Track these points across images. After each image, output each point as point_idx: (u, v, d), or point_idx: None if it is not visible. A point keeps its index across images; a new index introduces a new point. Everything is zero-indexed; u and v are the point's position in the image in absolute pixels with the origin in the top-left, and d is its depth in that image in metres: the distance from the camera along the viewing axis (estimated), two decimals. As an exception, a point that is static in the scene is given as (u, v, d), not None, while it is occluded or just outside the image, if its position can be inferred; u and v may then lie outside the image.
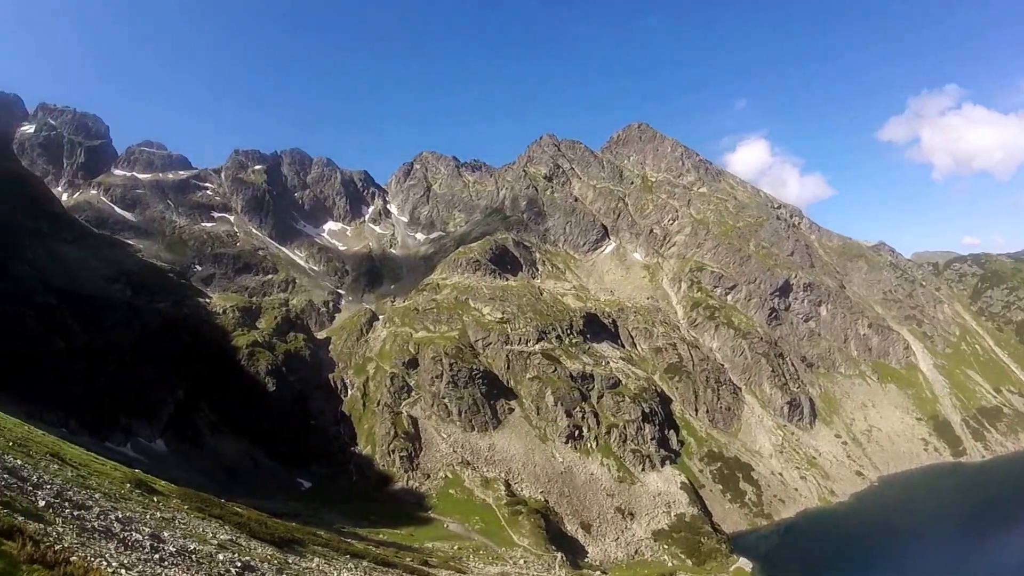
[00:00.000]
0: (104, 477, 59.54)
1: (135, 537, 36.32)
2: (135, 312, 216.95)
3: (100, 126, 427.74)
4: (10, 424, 69.53)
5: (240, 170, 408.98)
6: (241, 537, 55.48)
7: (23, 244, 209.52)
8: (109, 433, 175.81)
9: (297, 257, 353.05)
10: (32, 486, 38.70)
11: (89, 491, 47.16)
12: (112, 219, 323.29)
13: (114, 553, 31.05)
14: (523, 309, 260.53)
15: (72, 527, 32.72)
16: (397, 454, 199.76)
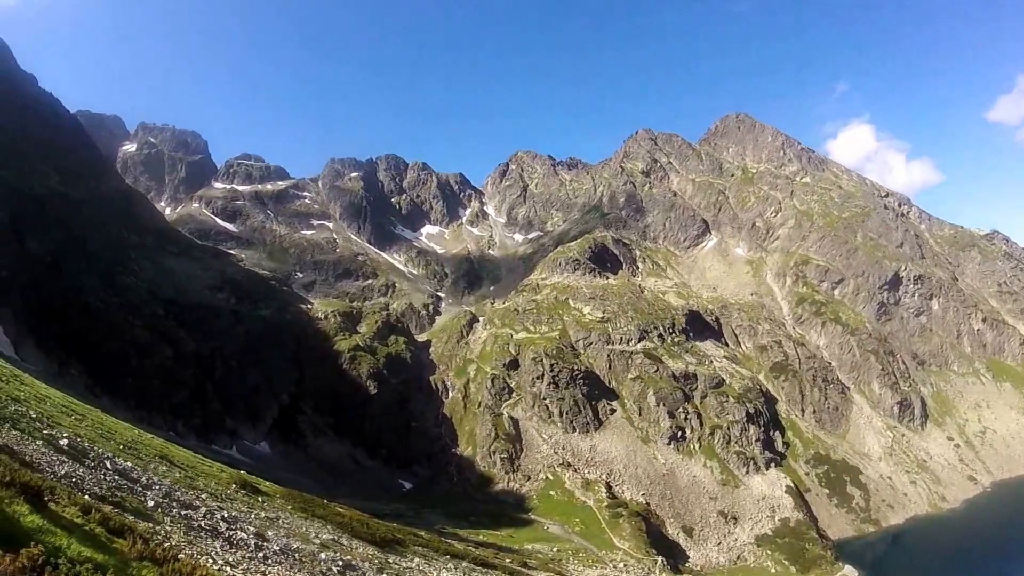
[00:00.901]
0: (210, 478, 60.87)
1: (240, 536, 37.38)
2: (239, 319, 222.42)
3: (199, 142, 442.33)
4: (121, 428, 71.40)
5: (337, 178, 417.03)
6: (343, 537, 56.26)
7: (130, 258, 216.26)
8: (215, 436, 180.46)
9: (396, 261, 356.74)
10: (142, 487, 39.84)
11: (196, 491, 48.44)
12: (214, 230, 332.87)
13: (219, 551, 32.04)
14: (624, 308, 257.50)
15: (179, 526, 33.67)
16: (498, 455, 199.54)
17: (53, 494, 23.77)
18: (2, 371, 66.30)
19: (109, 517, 24.94)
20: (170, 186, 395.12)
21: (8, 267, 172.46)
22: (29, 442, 36.15)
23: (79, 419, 59.71)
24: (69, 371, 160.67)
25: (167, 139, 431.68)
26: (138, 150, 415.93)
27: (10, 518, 18.22)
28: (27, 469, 25.75)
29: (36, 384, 74.15)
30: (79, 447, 42.48)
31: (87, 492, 29.96)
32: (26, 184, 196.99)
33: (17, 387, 59.54)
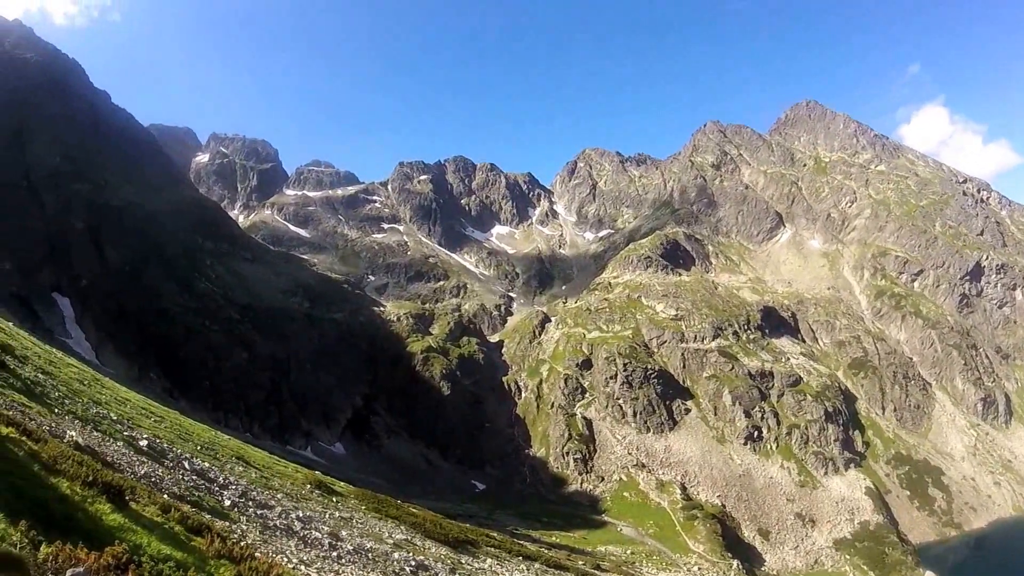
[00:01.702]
0: (286, 478, 61.74)
1: (314, 535, 37.89)
2: (313, 323, 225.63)
3: (269, 150, 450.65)
4: (198, 429, 72.66)
5: (406, 181, 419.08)
6: (416, 537, 56.56)
7: (206, 264, 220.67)
8: (291, 437, 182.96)
9: (467, 263, 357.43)
10: (219, 487, 40.59)
11: (271, 491, 49.29)
12: (287, 236, 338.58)
13: (294, 550, 32.58)
14: (698, 305, 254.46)
15: (255, 525, 34.37)
16: (571, 456, 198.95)
17: (134, 493, 24.23)
18: (84, 375, 67.77)
19: (188, 516, 25.46)
20: (242, 194, 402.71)
21: (88, 276, 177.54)
22: (110, 443, 36.88)
23: (158, 421, 60.82)
24: (148, 375, 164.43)
25: (238, 149, 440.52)
26: (210, 160, 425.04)
27: (93, 516, 18.68)
28: (109, 469, 26.23)
29: (116, 387, 75.69)
30: (158, 448, 43.28)
31: (166, 491, 30.50)
32: (104, 196, 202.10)
33: (98, 390, 60.80)
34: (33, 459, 20.76)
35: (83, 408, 44.89)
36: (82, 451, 27.07)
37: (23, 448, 21.33)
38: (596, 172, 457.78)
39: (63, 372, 59.71)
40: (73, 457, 23.49)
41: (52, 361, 63.50)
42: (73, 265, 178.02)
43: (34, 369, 50.98)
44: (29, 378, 44.83)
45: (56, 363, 63.95)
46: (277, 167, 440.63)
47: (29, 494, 17.09)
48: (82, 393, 52.98)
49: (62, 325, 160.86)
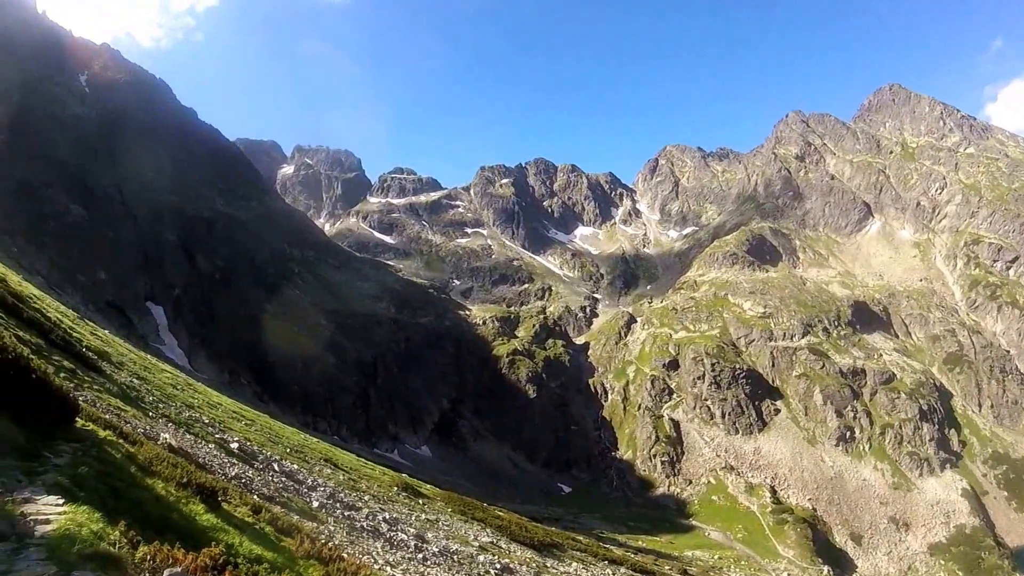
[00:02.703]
0: (373, 481, 62.38)
1: (400, 537, 38.22)
2: (400, 327, 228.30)
3: (352, 160, 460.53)
4: (288, 432, 74.03)
5: (488, 185, 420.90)
6: (501, 540, 56.73)
7: (294, 272, 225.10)
8: (378, 440, 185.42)
9: (551, 264, 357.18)
10: (307, 488, 41.21)
11: (359, 493, 49.91)
12: (372, 243, 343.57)
13: (381, 551, 32.91)
14: (786, 301, 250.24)
15: (343, 526, 34.69)
16: (658, 459, 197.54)
17: (226, 494, 24.76)
18: (177, 380, 69.45)
19: (277, 517, 26.06)
20: (328, 203, 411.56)
21: (180, 284, 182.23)
22: (202, 445, 37.69)
23: (248, 424, 62.03)
24: (239, 379, 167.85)
25: (322, 159, 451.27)
26: (296, 171, 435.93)
27: (187, 517, 18.98)
28: (201, 471, 26.79)
29: (208, 392, 77.36)
30: (248, 450, 44.14)
31: (256, 493, 31.06)
32: (194, 208, 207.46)
33: (191, 395, 62.21)
34: (129, 461, 21.26)
35: (176, 412, 46.06)
36: (176, 453, 27.70)
37: (120, 450, 21.86)
38: (678, 169, 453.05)
39: (157, 377, 61.24)
40: (168, 459, 24.04)
41: (146, 367, 65.15)
42: (165, 274, 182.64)
43: (129, 374, 52.35)
44: (125, 383, 46.01)
45: (150, 368, 65.61)
46: (361, 176, 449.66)
47: (126, 495, 17.49)
48: (175, 397, 54.31)
49: (156, 332, 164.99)
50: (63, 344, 43.00)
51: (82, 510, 12.72)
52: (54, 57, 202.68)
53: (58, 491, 13.88)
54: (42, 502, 12.84)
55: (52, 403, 20.18)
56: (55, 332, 45.08)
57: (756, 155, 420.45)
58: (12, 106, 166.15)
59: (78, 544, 11.04)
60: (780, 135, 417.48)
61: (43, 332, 41.91)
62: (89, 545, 11.12)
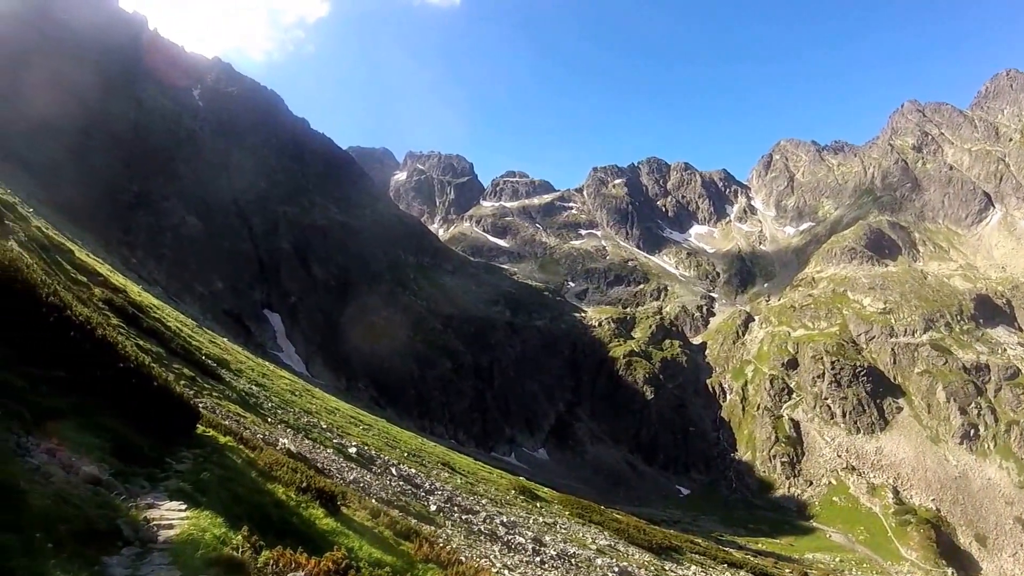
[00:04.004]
0: (490, 484, 62.68)
1: (518, 540, 38.34)
2: (515, 330, 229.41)
3: (464, 164, 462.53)
4: (405, 437, 74.85)
5: (601, 186, 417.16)
6: (619, 543, 56.47)
7: (409, 277, 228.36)
8: (495, 443, 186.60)
9: (666, 264, 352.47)
10: (425, 492, 41.74)
11: (476, 497, 50.22)
12: (486, 247, 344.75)
13: (498, 555, 33.13)
14: (906, 297, 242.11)
15: (460, 530, 35.03)
16: (778, 460, 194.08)
17: (344, 499, 25.13)
18: (295, 386, 70.87)
19: (396, 521, 26.41)
20: (441, 208, 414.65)
21: (297, 293, 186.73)
22: (320, 450, 38.37)
23: (366, 429, 62.95)
24: (356, 385, 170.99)
25: (434, 165, 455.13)
26: (408, 178, 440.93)
27: (307, 521, 19.37)
28: (320, 475, 27.18)
29: (326, 397, 78.85)
30: (366, 455, 44.79)
31: (374, 497, 31.47)
32: (309, 217, 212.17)
33: (309, 401, 63.42)
34: (250, 466, 21.72)
35: (295, 417, 47.02)
36: (295, 458, 28.18)
37: (240, 456, 22.35)
38: (792, 164, 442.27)
39: (275, 384, 62.64)
40: (287, 464, 24.47)
41: (265, 374, 66.72)
42: (282, 283, 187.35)
43: (248, 382, 53.69)
44: (244, 390, 47.18)
45: (269, 375, 67.17)
46: (473, 180, 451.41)
47: (247, 500, 17.85)
48: (294, 403, 55.43)
49: (273, 340, 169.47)
50: (183, 352, 44.33)
51: (204, 515, 12.97)
52: (167, 73, 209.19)
53: (180, 496, 14.18)
54: (165, 507, 13.11)
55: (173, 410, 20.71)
56: (175, 341, 46.53)
57: (872, 147, 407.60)
58: (128, 123, 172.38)
59: (201, 549, 11.25)
60: (896, 126, 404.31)
61: (163, 341, 43.28)
62: (212, 550, 11.32)
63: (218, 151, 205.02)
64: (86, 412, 16.87)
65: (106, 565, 10.09)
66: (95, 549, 10.27)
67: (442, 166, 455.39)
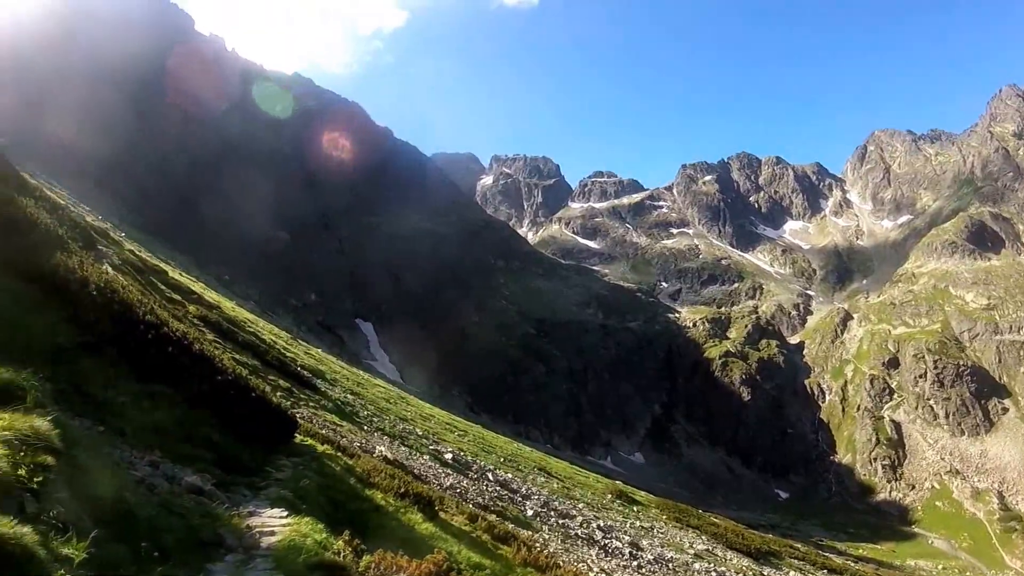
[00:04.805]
0: (586, 488, 62.77)
1: (615, 545, 38.24)
2: (609, 333, 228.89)
3: (551, 166, 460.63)
4: (501, 442, 75.23)
5: (691, 183, 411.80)
6: (717, 547, 56.12)
7: (499, 282, 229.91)
8: (590, 447, 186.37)
9: (760, 262, 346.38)
10: (521, 497, 41.86)
11: (572, 501, 50.23)
12: (576, 249, 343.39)
13: (595, 559, 32.96)
14: (1011, 292, 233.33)
15: (557, 534, 35.06)
16: (879, 462, 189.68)
17: (442, 504, 25.47)
18: (390, 394, 71.88)
19: (493, 525, 26.68)
20: (529, 212, 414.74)
21: (388, 301, 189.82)
22: (416, 457, 38.78)
23: (461, 435, 63.43)
24: (450, 391, 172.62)
25: (520, 168, 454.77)
26: (494, 182, 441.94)
27: (406, 526, 19.87)
28: (418, 481, 27.51)
29: (421, 404, 79.72)
30: (462, 460, 45.14)
31: (471, 502, 31.70)
32: (396, 226, 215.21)
33: (404, 408, 64.26)
34: (348, 473, 22.08)
35: (390, 425, 47.77)
36: (392, 465, 28.57)
37: (339, 463, 22.74)
38: (888, 154, 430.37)
39: (370, 392, 63.59)
40: (385, 471, 24.83)
41: (359, 383, 67.79)
42: (373, 292, 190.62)
43: (343, 391, 54.63)
44: (339, 399, 48.04)
45: (363, 384, 68.23)
46: (560, 182, 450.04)
47: (347, 505, 18.23)
48: (389, 411, 56.19)
49: (367, 349, 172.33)
50: (278, 364, 45.36)
51: (305, 521, 13.15)
52: (247, 91, 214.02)
53: (281, 504, 14.44)
54: (266, 515, 13.37)
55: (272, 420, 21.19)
56: (270, 353, 47.70)
57: (970, 135, 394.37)
58: (211, 144, 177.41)
59: (304, 554, 11.40)
60: (995, 112, 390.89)
61: (258, 354, 44.35)
62: (314, 555, 11.47)
63: (302, 165, 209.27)
64: (187, 425, 17.30)
65: (211, 572, 10.29)
66: (200, 557, 10.49)
67: (528, 169, 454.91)
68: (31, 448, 7.86)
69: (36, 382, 10.07)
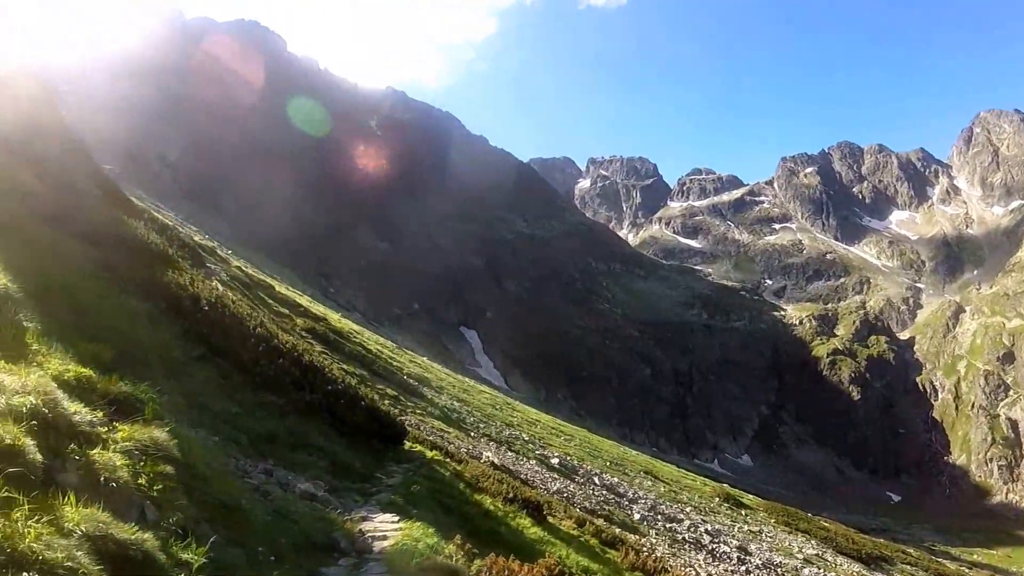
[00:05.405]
0: (693, 491, 62.35)
1: (723, 549, 37.82)
2: (713, 333, 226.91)
3: (648, 166, 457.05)
4: (607, 446, 75.18)
5: (791, 176, 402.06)
6: (827, 552, 55.19)
7: (601, 285, 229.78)
8: (697, 450, 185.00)
9: (867, 255, 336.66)
10: (628, 501, 41.81)
11: (680, 505, 49.93)
12: (677, 248, 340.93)
13: (703, 564, 32.80)
14: None
15: (664, 538, 34.97)
16: (995, 463, 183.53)
17: (550, 508, 25.54)
18: (495, 400, 72.45)
19: (601, 529, 26.82)
20: (628, 213, 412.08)
21: (491, 307, 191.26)
22: (523, 462, 39.07)
23: (567, 439, 63.52)
24: (555, 396, 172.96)
25: (617, 169, 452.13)
26: (592, 185, 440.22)
27: (515, 530, 20.11)
28: (525, 486, 27.63)
29: (526, 410, 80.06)
30: (569, 465, 45.29)
31: (578, 506, 31.85)
32: (496, 232, 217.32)
33: (509, 414, 64.62)
34: (457, 478, 22.38)
35: (497, 430, 48.22)
36: (498, 470, 28.76)
37: (447, 469, 23.06)
38: (996, 136, 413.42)
39: (476, 399, 64.21)
40: (493, 476, 25.08)
41: (465, 389, 68.48)
42: (476, 299, 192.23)
43: (449, 398, 55.34)
44: (446, 406, 48.69)
45: (469, 391, 68.89)
46: (658, 181, 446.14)
47: (456, 510, 18.47)
48: (495, 417, 56.66)
49: (471, 356, 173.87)
50: (385, 373, 46.42)
51: (416, 526, 13.38)
52: (342, 108, 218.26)
53: (392, 509, 14.78)
54: (378, 519, 13.69)
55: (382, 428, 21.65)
56: (376, 363, 48.78)
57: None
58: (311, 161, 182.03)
59: (416, 558, 11.57)
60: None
61: (365, 364, 45.43)
62: (427, 559, 11.62)
63: (400, 177, 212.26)
64: (299, 433, 17.77)
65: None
66: (314, 561, 10.74)
67: (625, 170, 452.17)
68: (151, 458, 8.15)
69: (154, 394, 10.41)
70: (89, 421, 7.52)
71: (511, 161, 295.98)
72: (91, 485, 6.62)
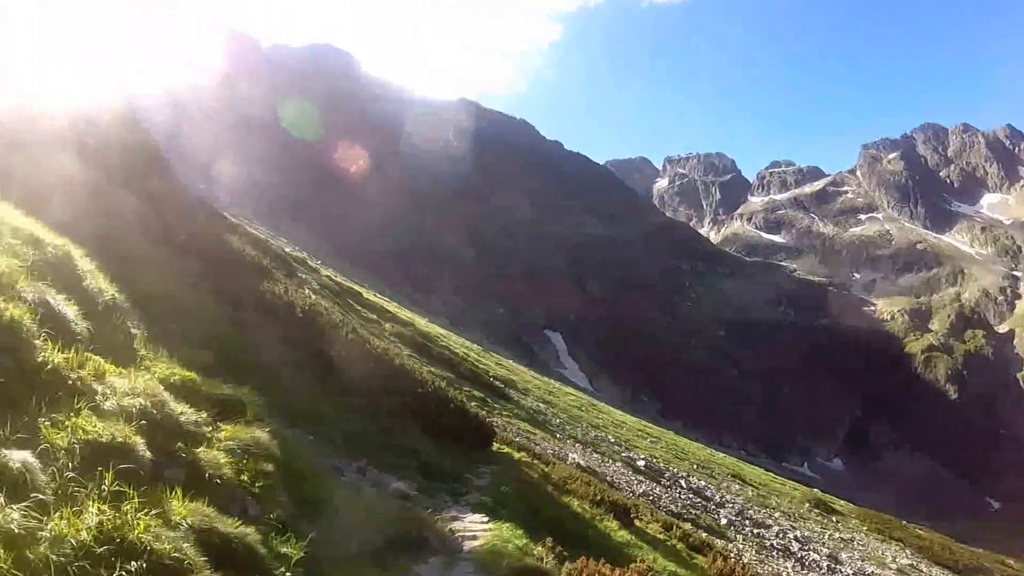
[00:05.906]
0: (782, 496, 61.48)
1: (812, 557, 37.27)
2: (800, 331, 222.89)
3: (726, 161, 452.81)
4: (693, 448, 74.70)
5: (875, 163, 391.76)
6: (921, 562, 53.98)
7: (684, 285, 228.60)
8: (786, 453, 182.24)
9: (959, 243, 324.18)
10: (715, 505, 41.36)
11: (768, 510, 49.33)
12: (760, 244, 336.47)
13: (791, 571, 32.41)
14: None
15: (751, 544, 34.59)
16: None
17: (636, 511, 25.59)
18: (581, 402, 72.57)
19: (688, 534, 26.82)
20: (708, 210, 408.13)
21: (575, 310, 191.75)
22: (609, 464, 39.14)
23: (654, 442, 63.23)
24: (640, 398, 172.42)
25: (695, 166, 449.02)
26: (670, 183, 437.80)
27: (602, 533, 20.13)
28: (612, 489, 27.65)
29: (612, 412, 79.92)
30: (655, 467, 45.18)
31: (664, 509, 31.84)
32: (577, 235, 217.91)
33: (595, 416, 64.68)
34: (545, 480, 22.57)
35: (582, 432, 48.44)
36: (585, 472, 28.90)
37: (535, 471, 23.26)
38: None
39: (561, 401, 64.42)
40: (580, 478, 25.26)
41: (551, 391, 68.76)
42: (560, 302, 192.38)
43: (535, 400, 55.67)
44: (531, 408, 49.03)
45: (554, 393, 69.16)
46: (737, 176, 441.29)
47: (544, 512, 18.66)
48: (580, 419, 56.84)
49: (556, 358, 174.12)
50: (471, 376, 47.09)
51: (506, 527, 13.59)
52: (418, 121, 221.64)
53: (482, 509, 15.07)
54: (468, 520, 13.99)
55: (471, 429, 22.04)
56: (463, 366, 49.54)
57: None
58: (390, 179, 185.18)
59: (506, 559, 11.79)
60: None
61: (452, 366, 46.18)
62: (517, 560, 11.84)
63: (480, 184, 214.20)
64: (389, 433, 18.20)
65: (417, 574, 10.78)
66: (407, 559, 11.04)
67: (703, 166, 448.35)
68: (252, 456, 8.59)
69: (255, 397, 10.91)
70: (194, 421, 7.99)
71: (588, 164, 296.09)
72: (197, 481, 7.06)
